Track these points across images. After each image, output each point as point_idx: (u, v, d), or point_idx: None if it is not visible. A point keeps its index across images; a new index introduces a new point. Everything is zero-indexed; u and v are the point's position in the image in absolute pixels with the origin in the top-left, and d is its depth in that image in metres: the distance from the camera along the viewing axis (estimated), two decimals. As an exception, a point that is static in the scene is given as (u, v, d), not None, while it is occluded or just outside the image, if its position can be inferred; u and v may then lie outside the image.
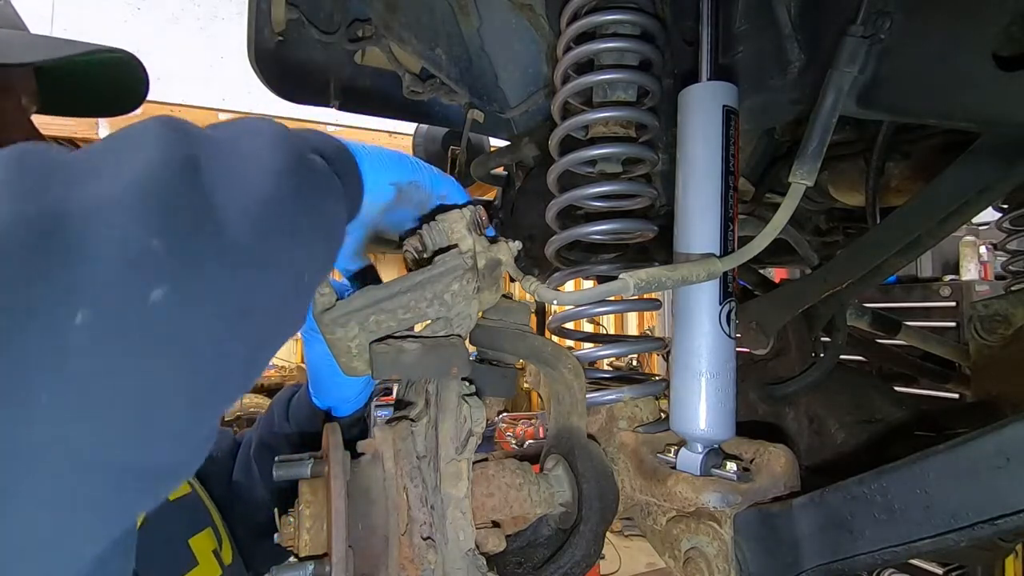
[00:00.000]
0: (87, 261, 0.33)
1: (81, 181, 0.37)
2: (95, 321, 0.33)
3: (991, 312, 1.14)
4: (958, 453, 0.50)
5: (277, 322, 0.45)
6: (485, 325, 0.77)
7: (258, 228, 0.42)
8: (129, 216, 0.36)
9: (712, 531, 0.65)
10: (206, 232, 0.39)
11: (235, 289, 0.40)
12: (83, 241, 0.34)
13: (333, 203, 0.53)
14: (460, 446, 0.66)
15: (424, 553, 0.63)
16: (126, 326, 0.34)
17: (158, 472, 0.39)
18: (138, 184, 0.38)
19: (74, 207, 0.35)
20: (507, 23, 1.02)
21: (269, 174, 0.46)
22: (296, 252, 0.46)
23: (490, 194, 1.55)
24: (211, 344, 0.38)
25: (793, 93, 0.74)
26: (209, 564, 0.87)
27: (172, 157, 0.40)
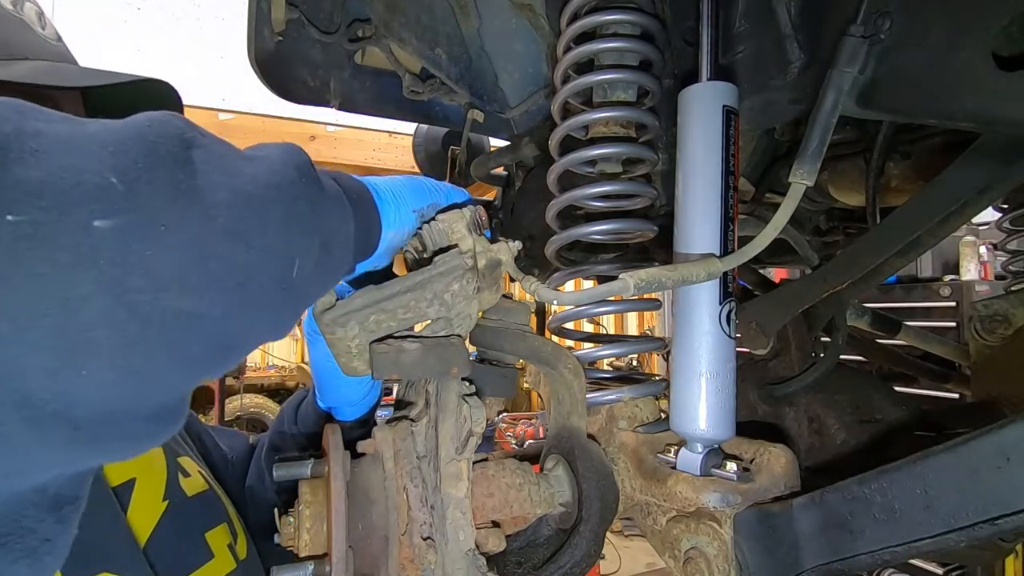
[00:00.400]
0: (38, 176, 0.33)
1: (63, 123, 0.37)
2: (26, 225, 0.32)
3: (991, 312, 1.14)
4: (958, 453, 0.50)
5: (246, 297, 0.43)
6: (485, 325, 0.77)
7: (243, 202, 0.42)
8: (98, 154, 0.36)
9: (712, 531, 0.65)
10: (182, 188, 0.39)
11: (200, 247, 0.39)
12: (40, 159, 0.34)
13: (337, 216, 0.54)
14: (460, 446, 0.66)
15: (424, 553, 0.63)
16: (56, 239, 0.33)
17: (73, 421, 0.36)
18: (120, 133, 0.38)
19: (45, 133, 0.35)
20: (507, 23, 1.02)
21: (273, 167, 0.46)
22: (282, 239, 0.45)
23: (490, 194, 1.55)
24: (156, 290, 0.37)
25: (793, 93, 0.73)
26: (224, 558, 0.88)
27: (168, 128, 0.40)
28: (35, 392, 0.34)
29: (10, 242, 0.32)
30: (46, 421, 0.35)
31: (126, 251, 0.35)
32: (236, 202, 0.42)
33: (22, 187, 0.33)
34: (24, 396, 0.33)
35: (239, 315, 0.43)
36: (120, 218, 0.35)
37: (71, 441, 0.36)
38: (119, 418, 0.38)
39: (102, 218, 0.34)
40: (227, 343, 0.43)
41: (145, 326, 0.36)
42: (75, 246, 0.34)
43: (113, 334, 0.35)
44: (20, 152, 0.34)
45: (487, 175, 1.38)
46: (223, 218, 0.40)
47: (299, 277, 0.47)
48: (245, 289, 0.42)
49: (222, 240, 0.40)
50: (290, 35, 1.07)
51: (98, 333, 0.35)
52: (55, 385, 0.34)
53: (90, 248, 0.34)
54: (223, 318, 0.41)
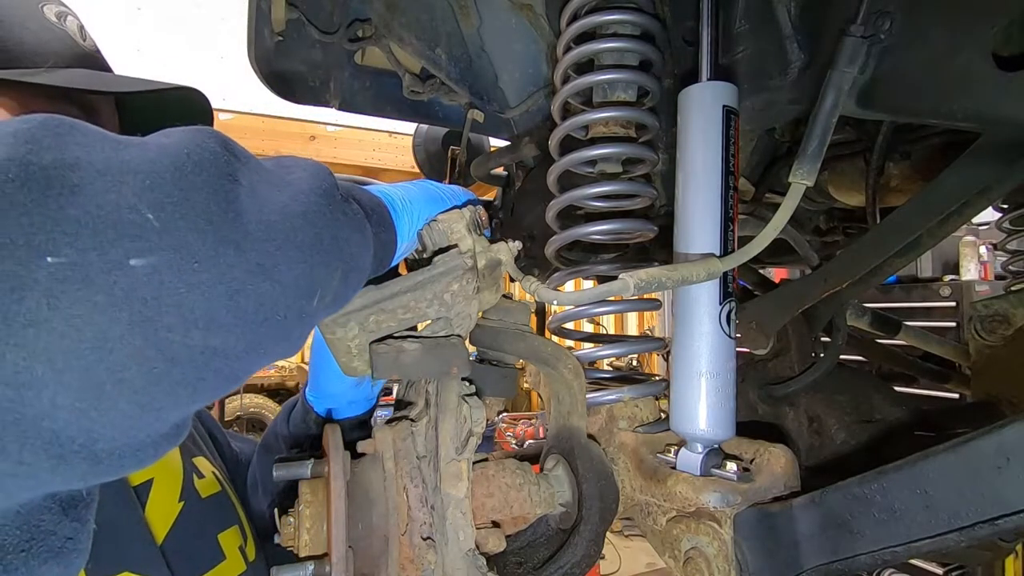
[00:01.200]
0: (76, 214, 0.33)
1: (101, 148, 0.37)
2: (64, 267, 0.33)
3: (991, 312, 1.13)
4: (958, 453, 0.50)
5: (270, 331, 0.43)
6: (485, 325, 0.77)
7: (273, 236, 0.42)
8: (134, 187, 0.36)
9: (712, 531, 0.65)
10: (215, 223, 0.39)
11: (230, 283, 0.39)
12: (78, 195, 0.34)
13: (357, 242, 0.54)
14: (460, 446, 0.66)
15: (424, 553, 0.63)
16: (93, 280, 0.33)
17: (96, 455, 0.36)
18: (157, 163, 0.38)
19: (83, 165, 0.35)
20: (507, 23, 1.02)
21: (300, 196, 0.47)
22: (306, 271, 0.45)
23: (490, 194, 1.55)
24: (186, 328, 0.37)
25: (793, 93, 0.73)
26: (235, 559, 0.89)
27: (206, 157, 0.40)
28: (63, 430, 0.34)
29: (48, 285, 0.32)
30: (70, 457, 0.35)
31: (160, 290, 0.36)
32: (267, 236, 0.42)
33: (61, 227, 0.33)
34: (54, 434, 0.34)
35: (260, 348, 0.43)
36: (155, 256, 0.35)
37: (91, 472, 0.37)
38: (135, 447, 0.39)
39: (137, 256, 0.35)
40: (244, 374, 0.44)
41: (172, 364, 0.37)
42: (111, 286, 0.34)
43: (141, 373, 0.36)
44: (60, 187, 0.34)
45: (487, 175, 1.38)
46: (254, 252, 0.41)
47: (318, 306, 0.48)
48: (268, 324, 0.43)
49: (252, 276, 0.40)
50: (290, 35, 1.07)
51: (128, 373, 0.35)
52: (81, 423, 0.35)
53: (125, 288, 0.34)
54: (245, 352, 0.42)
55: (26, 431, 0.33)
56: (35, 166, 0.34)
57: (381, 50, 1.10)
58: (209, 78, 4.33)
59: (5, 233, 0.32)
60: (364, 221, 0.56)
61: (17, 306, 0.31)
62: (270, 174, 0.47)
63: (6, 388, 0.32)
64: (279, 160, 0.52)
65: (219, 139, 0.44)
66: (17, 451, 0.33)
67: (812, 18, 0.69)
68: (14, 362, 0.32)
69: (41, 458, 0.34)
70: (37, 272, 0.32)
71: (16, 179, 0.33)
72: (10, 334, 0.31)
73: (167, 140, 0.41)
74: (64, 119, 0.38)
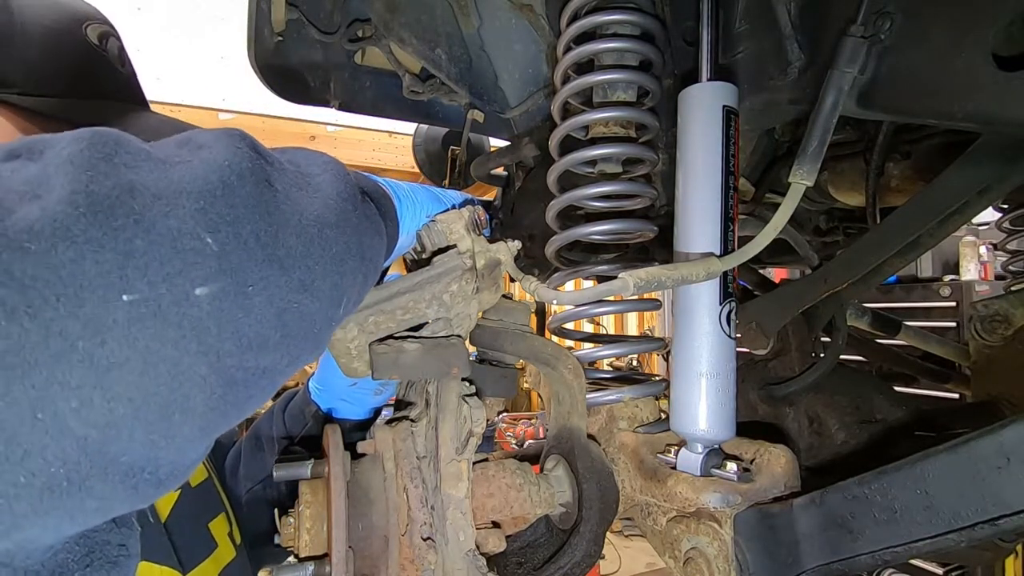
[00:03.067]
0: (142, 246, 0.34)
1: (148, 168, 0.37)
2: (139, 304, 0.33)
3: (991, 312, 1.13)
4: (958, 453, 0.50)
5: (307, 344, 0.45)
6: (485, 325, 0.77)
7: (311, 250, 0.43)
8: (190, 209, 0.36)
9: (712, 531, 0.65)
10: (263, 241, 0.39)
11: (278, 303, 0.40)
12: (141, 223, 0.34)
13: (376, 243, 0.55)
14: (460, 446, 0.66)
15: (424, 553, 0.63)
16: (166, 314, 0.34)
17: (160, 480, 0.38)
18: (206, 180, 0.38)
19: (139, 188, 0.35)
20: (507, 23, 1.02)
21: (330, 204, 0.47)
22: (338, 281, 0.46)
23: (490, 194, 1.54)
24: (242, 352, 0.38)
25: (793, 93, 0.73)
26: (226, 546, 0.90)
27: (244, 165, 0.41)
28: (136, 462, 0.35)
29: (126, 325, 0.33)
30: (141, 486, 0.36)
31: (220, 317, 0.36)
32: (306, 252, 0.43)
33: (132, 261, 0.33)
34: (129, 467, 0.35)
35: (299, 361, 0.45)
36: (216, 283, 0.36)
37: (154, 495, 0.38)
38: (189, 465, 0.40)
39: (201, 285, 0.36)
40: (279, 385, 0.45)
41: (229, 388, 0.38)
42: (180, 319, 0.35)
43: (204, 400, 0.37)
44: (125, 217, 0.34)
45: (487, 175, 1.38)
46: (296, 270, 0.42)
47: (343, 312, 0.50)
48: (307, 337, 0.44)
49: (295, 293, 0.41)
50: (290, 35, 1.07)
51: (193, 401, 0.36)
52: (150, 453, 0.36)
53: (192, 320, 0.35)
54: (287, 367, 0.43)
55: (107, 468, 0.34)
56: (97, 195, 0.34)
57: (381, 50, 1.10)
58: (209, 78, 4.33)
59: (84, 275, 0.32)
60: (381, 222, 0.57)
61: (101, 349, 0.32)
62: (297, 177, 0.47)
63: (93, 430, 0.32)
64: (291, 156, 0.52)
65: (249, 142, 0.44)
66: (101, 488, 0.34)
67: (812, 18, 0.69)
68: (100, 405, 0.32)
69: (118, 491, 0.35)
70: (116, 312, 0.33)
71: (87, 213, 0.33)
72: (98, 378, 0.32)
73: (204, 149, 0.41)
74: (108, 134, 0.38)
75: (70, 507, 0.33)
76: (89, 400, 0.32)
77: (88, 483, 0.33)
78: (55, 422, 0.31)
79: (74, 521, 0.35)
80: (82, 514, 0.35)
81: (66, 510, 0.33)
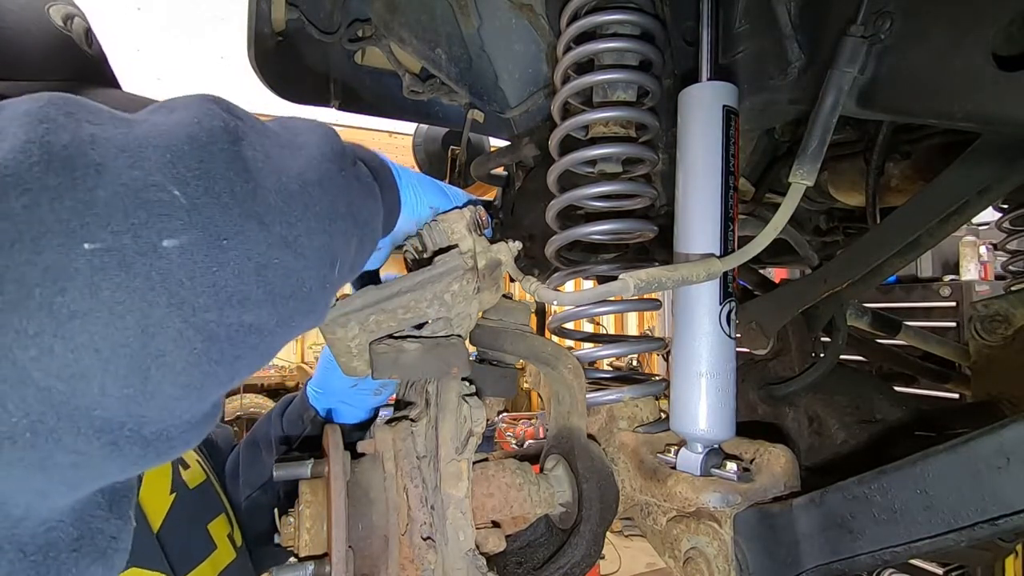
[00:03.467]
0: (105, 196, 0.33)
1: (113, 123, 0.37)
2: (102, 253, 0.32)
3: (991, 312, 1.13)
4: (958, 453, 0.50)
5: (297, 304, 0.43)
6: (485, 325, 0.77)
7: (293, 207, 0.42)
8: (156, 162, 0.36)
9: (712, 531, 0.65)
10: (238, 196, 0.38)
11: (257, 259, 0.39)
12: (104, 174, 0.33)
13: (370, 208, 0.54)
14: (460, 446, 0.66)
15: (424, 553, 0.63)
16: (130, 265, 0.33)
17: (145, 439, 0.37)
18: (173, 135, 0.37)
19: (100, 142, 0.35)
20: (507, 23, 1.02)
21: (313, 163, 0.46)
22: (326, 241, 0.45)
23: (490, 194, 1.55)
24: (220, 307, 0.37)
25: (793, 93, 0.73)
26: (225, 548, 0.90)
27: (215, 122, 0.40)
28: (114, 417, 0.34)
29: (88, 274, 0.32)
30: (122, 442, 0.35)
31: (193, 270, 0.35)
32: (287, 207, 0.42)
33: (93, 210, 0.33)
34: (105, 421, 0.34)
35: (291, 322, 0.43)
36: (186, 235, 0.35)
37: (143, 456, 0.37)
38: (181, 428, 0.39)
39: (170, 237, 0.35)
40: (276, 349, 0.44)
41: (210, 343, 0.37)
42: (148, 270, 0.34)
43: (183, 355, 0.36)
44: (85, 167, 0.33)
45: (487, 175, 1.38)
46: (277, 225, 0.40)
47: (339, 275, 0.48)
48: (296, 296, 0.43)
49: (277, 249, 0.40)
50: (290, 35, 1.07)
51: (170, 356, 0.35)
52: (130, 408, 0.35)
53: (161, 271, 0.34)
54: (277, 327, 0.42)
55: (79, 421, 0.33)
56: (55, 145, 0.33)
57: (381, 50, 1.10)
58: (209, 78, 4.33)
59: (41, 222, 0.31)
60: (374, 184, 0.55)
61: (61, 297, 0.31)
62: (279, 137, 0.46)
63: (57, 381, 0.32)
64: (283, 121, 0.51)
65: (223, 103, 0.43)
66: (73, 441, 0.33)
67: (812, 18, 0.69)
68: (63, 354, 0.31)
69: (95, 446, 0.34)
70: (77, 260, 0.32)
71: (40, 161, 0.32)
72: (57, 327, 0.31)
73: (175, 111, 0.41)
74: (70, 97, 0.37)
75: (36, 459, 0.33)
76: (49, 349, 0.31)
77: (56, 435, 0.33)
78: (13, 371, 0.31)
79: (48, 475, 0.34)
80: (56, 468, 0.34)
81: (32, 461, 0.33)
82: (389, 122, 4.11)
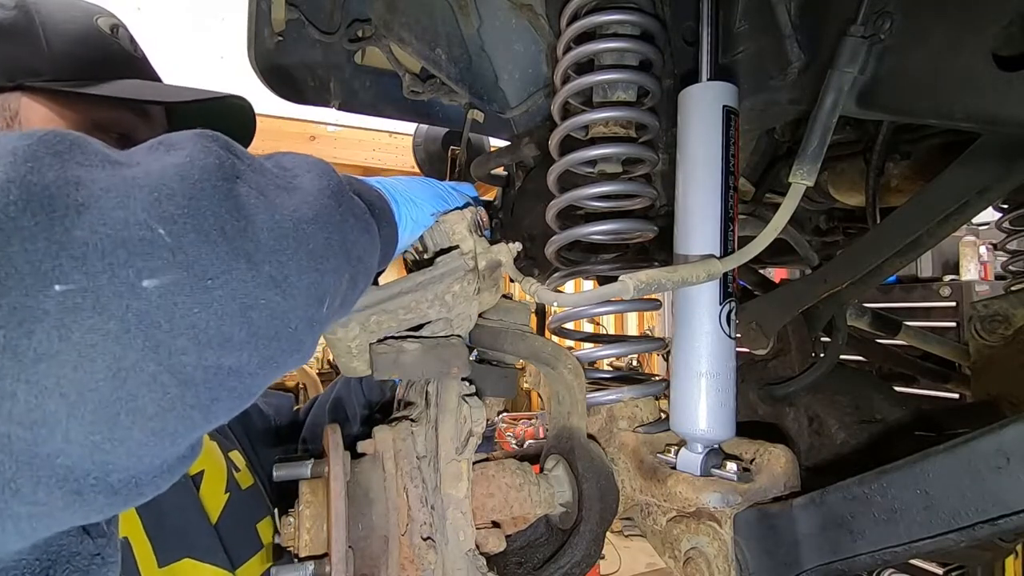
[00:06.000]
0: (82, 235, 0.32)
1: (103, 166, 0.36)
2: (74, 294, 0.31)
3: (991, 312, 1.13)
4: (958, 453, 0.50)
5: (282, 344, 0.42)
6: (485, 325, 0.77)
7: (284, 245, 0.41)
8: (142, 202, 0.34)
9: (712, 531, 0.65)
10: (227, 234, 0.37)
11: (242, 299, 0.38)
12: (84, 214, 0.32)
13: (365, 244, 0.53)
14: (460, 446, 0.66)
15: (424, 553, 0.63)
16: (105, 306, 0.32)
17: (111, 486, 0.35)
18: (163, 175, 0.37)
19: (86, 182, 0.34)
20: (507, 23, 1.02)
21: (309, 199, 0.45)
22: (317, 279, 0.44)
23: (490, 194, 1.55)
24: (200, 349, 0.35)
25: (793, 93, 0.73)
26: (268, 550, 0.94)
27: (210, 162, 0.39)
28: (77, 465, 0.33)
29: (58, 315, 0.31)
30: (86, 492, 0.34)
31: (173, 311, 0.34)
32: (278, 246, 0.40)
33: (68, 251, 0.31)
34: (68, 470, 0.33)
35: (273, 362, 0.42)
36: (168, 275, 0.34)
37: (109, 505, 0.36)
38: (152, 474, 0.37)
39: (150, 277, 0.33)
40: (258, 389, 0.42)
41: (185, 388, 0.36)
42: (123, 312, 0.32)
43: (155, 399, 0.34)
44: (65, 208, 0.32)
45: (487, 175, 1.38)
46: (266, 265, 0.39)
47: (328, 313, 0.47)
48: (281, 337, 0.41)
49: (264, 289, 0.39)
50: (290, 35, 1.06)
51: (142, 400, 0.34)
52: (95, 456, 0.33)
53: (138, 312, 0.33)
54: (259, 368, 0.40)
55: (40, 470, 0.32)
56: (37, 186, 0.32)
57: (381, 50, 1.10)
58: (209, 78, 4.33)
59: (9, 262, 0.30)
60: (370, 219, 0.54)
61: (27, 340, 0.30)
62: (275, 176, 0.46)
63: (19, 427, 0.30)
64: (278, 159, 0.50)
65: (221, 141, 0.43)
66: (32, 491, 0.32)
67: (812, 18, 0.69)
68: (26, 400, 0.30)
69: (56, 496, 0.33)
70: (46, 302, 0.30)
71: (18, 201, 0.31)
72: (21, 370, 0.30)
73: (171, 151, 0.40)
74: (65, 134, 0.36)
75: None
76: (12, 393, 0.30)
77: (15, 484, 0.31)
78: None
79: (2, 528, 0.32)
80: (11, 519, 0.32)
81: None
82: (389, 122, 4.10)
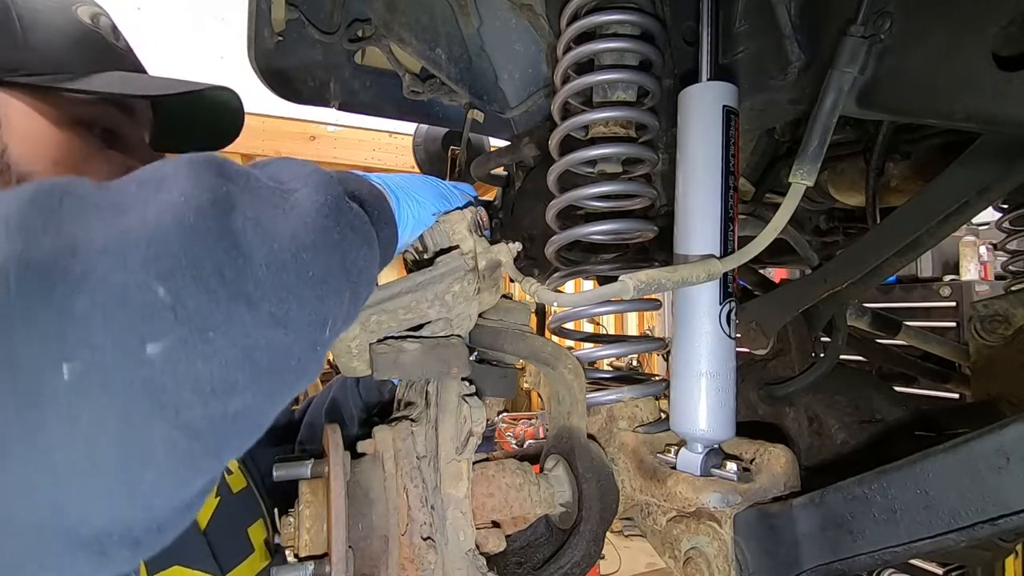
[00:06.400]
0: (84, 307, 0.32)
1: (98, 218, 0.35)
2: (82, 373, 0.31)
3: (991, 312, 1.13)
4: (958, 453, 0.50)
5: (286, 377, 0.42)
6: (485, 325, 0.77)
7: (284, 278, 0.40)
8: (140, 260, 0.34)
9: (712, 531, 0.65)
10: (226, 279, 0.36)
11: (243, 342, 0.37)
12: (83, 285, 0.32)
13: (365, 256, 0.52)
14: (460, 446, 0.66)
15: (424, 553, 0.63)
16: (112, 382, 0.32)
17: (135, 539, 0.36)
18: (158, 224, 0.36)
19: (82, 247, 0.33)
20: (507, 23, 1.02)
21: (307, 220, 0.44)
22: (318, 307, 0.43)
23: (490, 194, 1.55)
24: (204, 402, 0.35)
25: (793, 93, 0.73)
26: (261, 552, 0.93)
27: (204, 198, 0.38)
28: (101, 529, 0.34)
29: (67, 399, 0.31)
30: (111, 551, 0.35)
31: (176, 371, 0.34)
32: (276, 279, 0.40)
33: (71, 327, 0.31)
34: (93, 536, 0.34)
35: (278, 396, 0.42)
36: (170, 336, 0.34)
37: (133, 556, 0.36)
38: (172, 518, 0.38)
39: (153, 340, 0.33)
40: (267, 420, 0.42)
41: (194, 440, 0.36)
42: (130, 382, 0.33)
43: (167, 455, 0.35)
44: (64, 283, 0.32)
45: (487, 175, 1.38)
46: (266, 303, 0.39)
47: (331, 333, 0.47)
48: (284, 371, 0.41)
49: (265, 328, 0.38)
50: (290, 35, 1.07)
51: (154, 459, 0.34)
52: (115, 516, 0.34)
53: (144, 379, 0.33)
54: (264, 404, 0.40)
55: (71, 542, 0.33)
56: (34, 262, 0.31)
57: (381, 50, 1.10)
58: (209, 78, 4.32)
59: (12, 349, 0.30)
60: (370, 229, 0.53)
61: (40, 433, 0.30)
62: (271, 194, 0.44)
63: (46, 512, 0.31)
64: (274, 170, 0.49)
65: (214, 164, 0.41)
66: (57, 562, 0.33)
67: (812, 18, 0.69)
68: (47, 488, 0.31)
69: (81, 559, 0.34)
70: (55, 382, 0.31)
71: (17, 284, 0.30)
72: (40, 464, 0.31)
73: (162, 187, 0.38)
74: (53, 185, 0.35)
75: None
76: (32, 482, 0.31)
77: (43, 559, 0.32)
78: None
79: None
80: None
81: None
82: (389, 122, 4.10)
